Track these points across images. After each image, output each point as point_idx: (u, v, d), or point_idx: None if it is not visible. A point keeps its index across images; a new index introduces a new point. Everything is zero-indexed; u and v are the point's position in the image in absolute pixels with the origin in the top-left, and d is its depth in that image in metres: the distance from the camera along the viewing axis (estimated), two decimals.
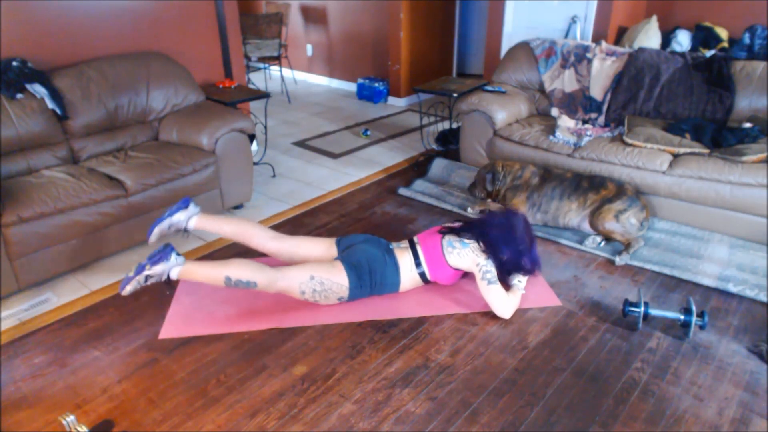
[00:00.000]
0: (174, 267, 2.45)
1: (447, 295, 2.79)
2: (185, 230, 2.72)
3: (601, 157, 3.49)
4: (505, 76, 4.43)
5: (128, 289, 2.42)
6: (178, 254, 2.48)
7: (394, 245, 2.79)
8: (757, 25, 4.73)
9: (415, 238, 2.81)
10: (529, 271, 2.72)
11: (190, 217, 2.73)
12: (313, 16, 6.90)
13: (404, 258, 2.71)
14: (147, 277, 2.42)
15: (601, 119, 3.99)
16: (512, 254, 2.62)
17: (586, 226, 3.27)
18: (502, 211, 2.78)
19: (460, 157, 4.31)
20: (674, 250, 3.14)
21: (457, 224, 2.84)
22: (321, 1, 6.69)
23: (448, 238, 2.70)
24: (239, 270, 2.49)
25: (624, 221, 3.08)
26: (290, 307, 2.68)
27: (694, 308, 2.43)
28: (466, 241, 2.68)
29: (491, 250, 2.64)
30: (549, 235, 3.34)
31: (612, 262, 3.06)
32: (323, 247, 2.79)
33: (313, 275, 2.56)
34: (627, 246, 3.05)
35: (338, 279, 2.58)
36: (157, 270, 2.41)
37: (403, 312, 2.66)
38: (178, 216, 2.69)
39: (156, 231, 2.68)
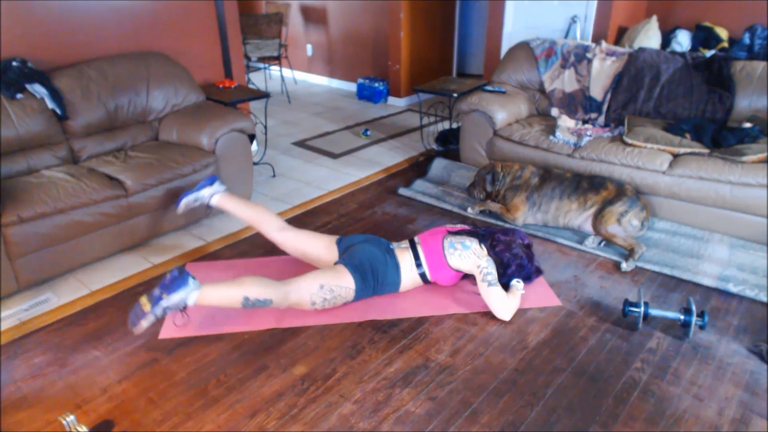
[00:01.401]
0: (192, 292, 2.28)
1: (447, 295, 2.79)
2: (208, 206, 2.95)
3: (601, 157, 3.49)
4: (505, 76, 4.43)
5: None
6: (193, 278, 2.31)
7: (394, 245, 2.80)
8: (757, 25, 4.74)
9: (416, 239, 2.81)
10: (529, 279, 2.82)
11: (213, 194, 2.96)
12: (313, 16, 6.90)
13: (404, 258, 2.71)
14: (165, 310, 2.25)
15: (601, 119, 3.99)
16: (516, 266, 2.73)
17: (587, 227, 3.27)
18: (504, 229, 2.89)
19: (460, 157, 4.31)
20: (674, 250, 3.14)
21: (459, 227, 2.85)
22: (321, 1, 6.69)
23: (450, 240, 2.70)
24: (255, 289, 2.39)
25: (626, 224, 3.08)
26: (290, 307, 2.68)
27: (694, 308, 2.43)
28: (468, 243, 2.68)
29: (496, 258, 2.70)
30: (549, 235, 3.34)
31: (615, 264, 3.06)
32: (324, 244, 2.81)
33: (323, 284, 2.55)
34: (631, 251, 3.04)
35: (345, 283, 2.58)
36: (175, 299, 2.25)
37: (403, 312, 2.66)
38: (204, 192, 2.96)
39: (183, 203, 2.97)
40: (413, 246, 2.76)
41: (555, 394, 2.18)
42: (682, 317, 2.47)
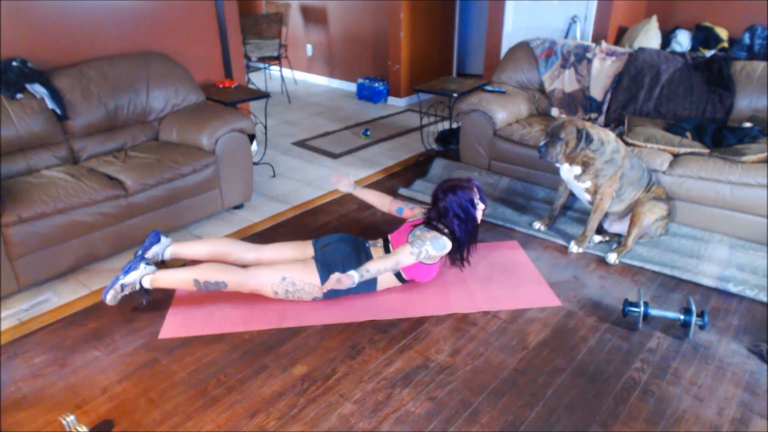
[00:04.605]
0: (144, 275, 2.60)
1: (447, 295, 2.79)
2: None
3: None
4: (505, 76, 4.43)
5: (108, 298, 2.58)
6: (147, 263, 2.63)
7: (370, 243, 2.81)
8: (757, 25, 4.74)
9: (389, 237, 2.82)
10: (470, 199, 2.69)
11: (165, 249, 2.81)
12: (313, 16, 6.90)
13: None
14: (122, 286, 2.59)
15: (602, 119, 3.99)
16: (452, 216, 2.65)
17: (611, 215, 3.22)
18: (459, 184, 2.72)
19: (460, 157, 4.31)
20: (674, 250, 3.14)
21: (419, 219, 2.80)
22: (321, 1, 6.69)
23: (414, 231, 2.69)
24: (207, 272, 2.57)
25: (657, 226, 3.11)
26: (290, 307, 2.68)
27: (694, 308, 2.43)
28: (424, 228, 2.67)
29: (449, 231, 2.65)
30: (549, 235, 3.34)
31: (600, 258, 3.06)
32: (299, 250, 2.80)
33: (285, 276, 2.59)
34: (623, 248, 3.05)
35: (310, 279, 2.59)
36: (129, 279, 2.58)
37: (403, 312, 2.66)
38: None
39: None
40: (386, 245, 2.78)
41: (555, 394, 2.18)
42: (682, 317, 2.47)
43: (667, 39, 5.07)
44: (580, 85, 4.07)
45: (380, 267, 2.47)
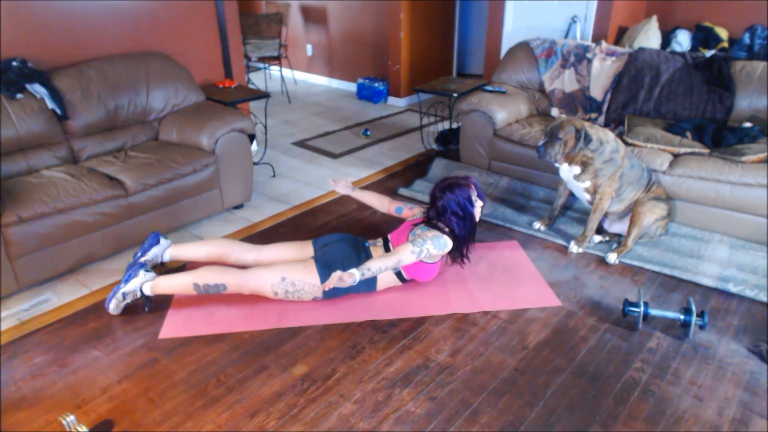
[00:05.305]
0: (145, 282, 2.60)
1: (447, 295, 2.79)
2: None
3: None
4: (505, 76, 4.43)
5: (111, 307, 2.61)
6: (147, 270, 2.63)
7: (370, 243, 2.81)
8: (757, 25, 4.74)
9: (389, 236, 2.82)
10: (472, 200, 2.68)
11: (164, 250, 2.83)
12: (313, 16, 6.90)
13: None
14: (124, 295, 2.60)
15: (602, 119, 3.99)
16: (450, 215, 2.64)
17: (611, 215, 3.22)
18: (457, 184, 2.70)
19: (460, 157, 4.31)
20: (674, 250, 3.14)
21: (419, 218, 2.80)
22: (321, 1, 6.69)
23: (414, 230, 2.69)
24: (206, 275, 2.57)
25: (657, 226, 3.11)
26: (290, 307, 2.68)
27: (694, 308, 2.43)
28: (424, 227, 2.67)
29: (448, 228, 2.63)
30: (548, 235, 3.34)
31: (600, 258, 3.06)
32: (299, 250, 2.80)
33: (285, 276, 2.59)
34: (624, 248, 3.06)
35: (310, 279, 2.59)
36: (130, 287, 2.59)
37: (403, 312, 2.66)
38: (153, 252, 2.79)
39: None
40: (386, 244, 2.78)
41: (555, 394, 2.18)
42: (682, 317, 2.47)
43: (667, 39, 5.08)
44: (580, 85, 4.07)
45: (381, 265, 2.47)
